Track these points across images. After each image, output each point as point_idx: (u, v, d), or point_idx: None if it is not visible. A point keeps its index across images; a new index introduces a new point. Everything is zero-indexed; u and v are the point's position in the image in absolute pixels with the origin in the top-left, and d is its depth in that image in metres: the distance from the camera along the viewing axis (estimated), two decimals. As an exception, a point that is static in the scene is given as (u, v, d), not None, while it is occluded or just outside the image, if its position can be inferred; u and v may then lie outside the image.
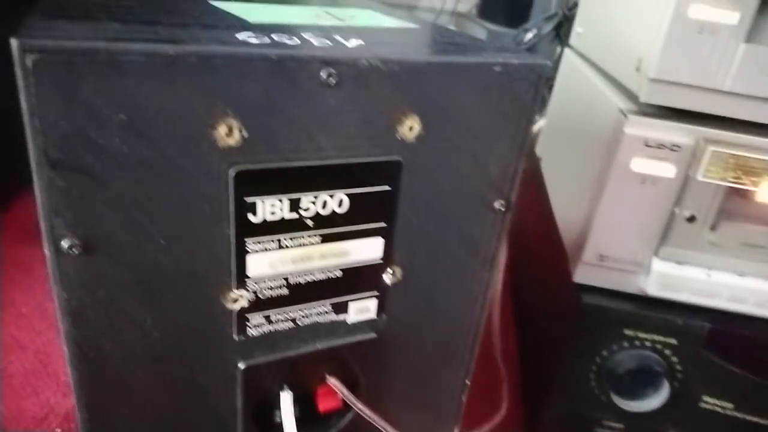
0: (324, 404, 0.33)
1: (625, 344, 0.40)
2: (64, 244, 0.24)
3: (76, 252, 0.24)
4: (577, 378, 0.42)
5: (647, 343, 0.40)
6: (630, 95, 0.39)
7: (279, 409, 0.31)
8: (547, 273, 0.52)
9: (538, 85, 0.30)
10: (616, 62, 0.44)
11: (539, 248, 0.58)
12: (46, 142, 0.22)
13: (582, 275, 0.41)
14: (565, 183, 0.51)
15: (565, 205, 0.49)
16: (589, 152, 0.42)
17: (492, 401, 0.49)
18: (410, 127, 0.27)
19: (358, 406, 0.32)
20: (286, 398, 0.31)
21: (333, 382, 0.32)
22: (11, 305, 0.56)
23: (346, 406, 0.33)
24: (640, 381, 0.41)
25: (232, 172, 0.25)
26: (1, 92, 0.26)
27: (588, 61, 0.55)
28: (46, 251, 0.24)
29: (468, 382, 0.38)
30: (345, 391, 0.32)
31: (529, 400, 0.51)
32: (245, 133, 0.25)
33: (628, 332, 0.40)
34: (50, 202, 0.23)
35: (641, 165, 0.36)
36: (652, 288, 0.39)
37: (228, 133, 0.24)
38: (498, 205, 0.32)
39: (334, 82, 0.25)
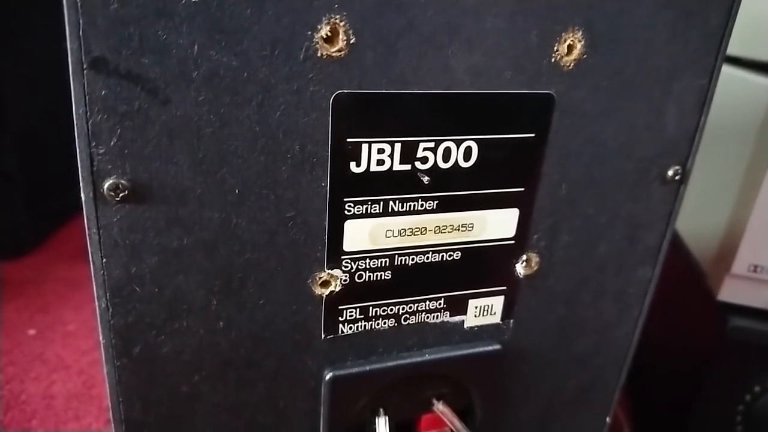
0: (428, 437, 0.25)
1: (786, 379, 0.34)
2: (107, 185, 0.17)
3: (122, 197, 0.18)
4: (718, 423, 0.35)
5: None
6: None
7: (371, 437, 0.24)
8: (669, 294, 0.45)
9: (733, 9, 0.22)
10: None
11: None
12: (88, 31, 0.16)
13: (729, 292, 0.35)
14: (693, 187, 0.43)
15: (695, 212, 0.44)
16: (734, 145, 0.38)
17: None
18: (569, 46, 0.20)
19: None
20: (382, 425, 0.24)
21: (440, 408, 0.26)
22: (59, 322, 0.54)
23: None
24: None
25: (331, 96, 0.18)
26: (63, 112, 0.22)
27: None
28: (82, 196, 0.18)
29: (609, 421, 0.29)
30: (456, 422, 0.25)
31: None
32: (353, 38, 0.18)
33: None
34: (89, 122, 0.17)
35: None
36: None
37: (330, 38, 0.18)
38: (672, 172, 0.24)
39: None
